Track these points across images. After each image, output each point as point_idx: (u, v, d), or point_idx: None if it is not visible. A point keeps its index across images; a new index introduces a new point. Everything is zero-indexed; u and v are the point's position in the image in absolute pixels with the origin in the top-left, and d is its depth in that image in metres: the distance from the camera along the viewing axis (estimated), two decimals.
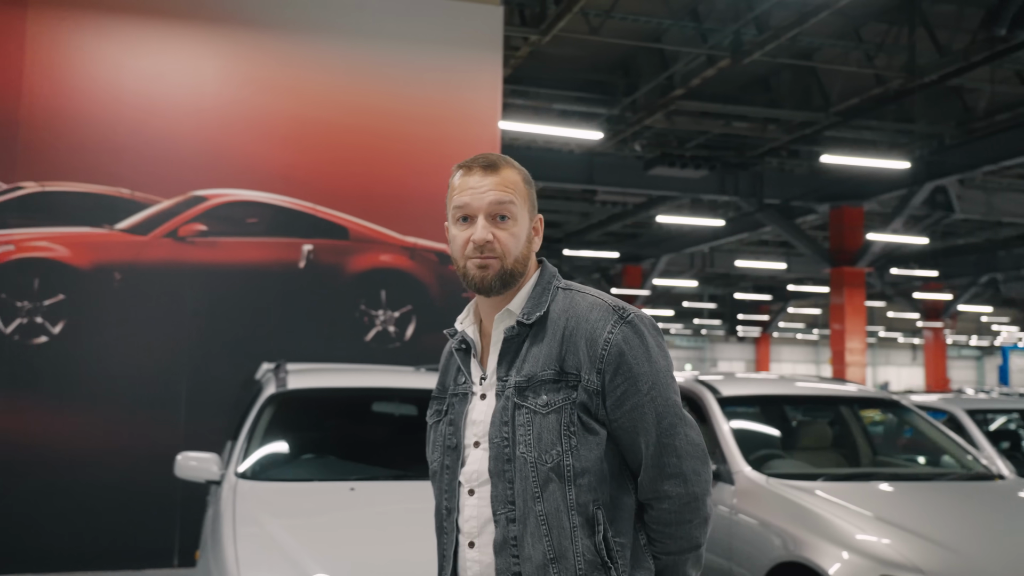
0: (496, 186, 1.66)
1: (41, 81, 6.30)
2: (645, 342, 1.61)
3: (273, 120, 6.78)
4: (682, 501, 1.59)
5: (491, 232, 1.64)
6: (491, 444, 1.62)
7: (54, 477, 6.05)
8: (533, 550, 1.56)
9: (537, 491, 1.57)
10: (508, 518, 1.59)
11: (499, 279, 1.64)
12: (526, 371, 1.61)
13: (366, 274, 6.90)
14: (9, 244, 6.17)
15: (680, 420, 1.61)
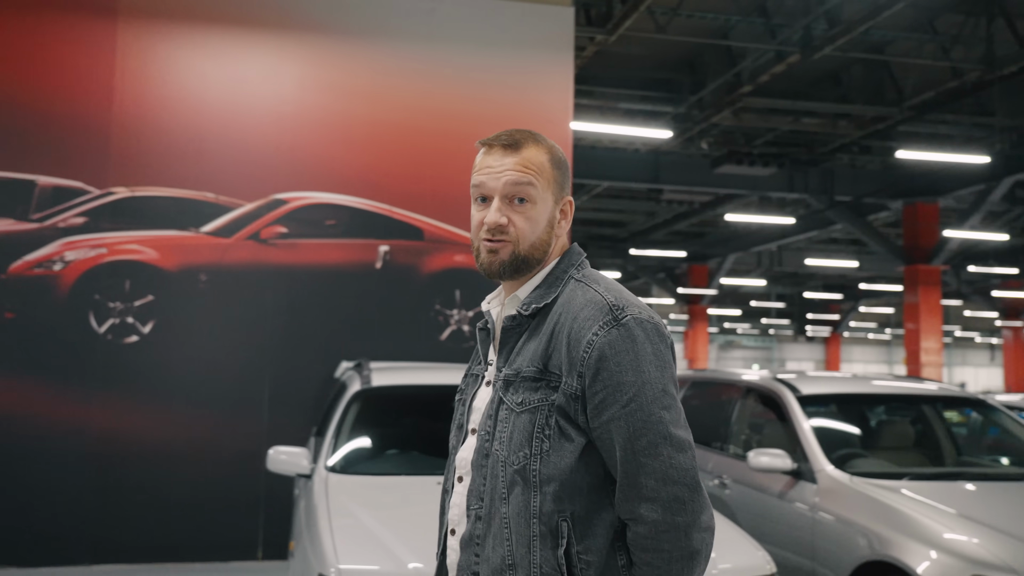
0: (515, 166, 1.55)
1: (131, 91, 6.55)
2: (636, 348, 1.46)
3: (350, 124, 6.93)
4: (659, 528, 1.43)
5: (506, 215, 1.55)
6: (478, 436, 1.56)
7: (146, 471, 6.29)
8: (493, 552, 1.49)
9: (504, 492, 1.49)
10: (477, 515, 1.52)
11: (510, 265, 1.55)
12: (516, 365, 1.53)
13: (441, 274, 7.01)
14: (102, 247, 6.43)
15: (664, 440, 1.44)
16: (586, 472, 1.48)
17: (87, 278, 6.38)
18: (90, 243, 6.42)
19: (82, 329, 6.32)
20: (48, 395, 6.22)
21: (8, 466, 6.08)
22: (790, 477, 4.59)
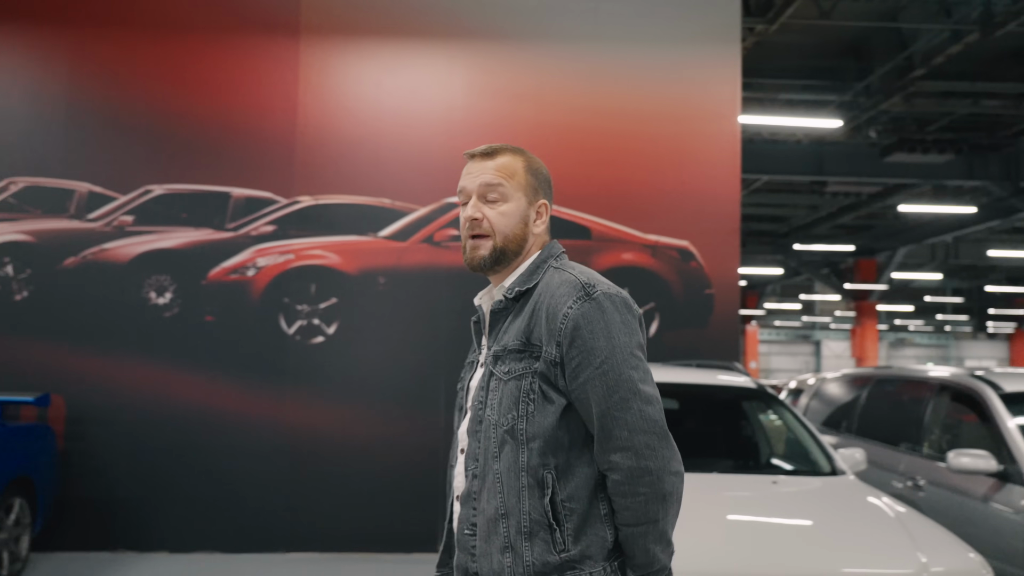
0: (488, 170, 1.80)
1: (313, 104, 6.92)
2: (606, 318, 1.67)
3: (516, 127, 7.06)
4: (633, 473, 1.62)
5: (480, 211, 1.79)
6: (472, 407, 1.76)
7: (334, 464, 6.62)
8: (488, 504, 1.68)
9: (496, 451, 1.68)
10: (473, 474, 1.71)
11: (490, 258, 1.79)
12: (503, 342, 1.74)
13: (608, 272, 7.03)
14: (290, 253, 6.82)
15: (634, 395, 1.64)
16: (567, 430, 1.68)
17: (277, 283, 6.79)
18: (279, 249, 6.82)
19: (273, 330, 6.72)
20: (245, 392, 6.65)
21: (213, 458, 6.54)
22: (995, 480, 4.33)
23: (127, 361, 6.60)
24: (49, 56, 6.83)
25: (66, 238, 6.69)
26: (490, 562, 1.67)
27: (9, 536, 5.49)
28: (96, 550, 6.38)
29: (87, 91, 6.80)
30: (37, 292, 6.62)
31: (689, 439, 4.58)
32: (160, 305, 6.69)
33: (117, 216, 6.73)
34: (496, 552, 1.66)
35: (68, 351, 6.59)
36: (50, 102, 6.77)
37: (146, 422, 6.51)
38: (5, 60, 6.80)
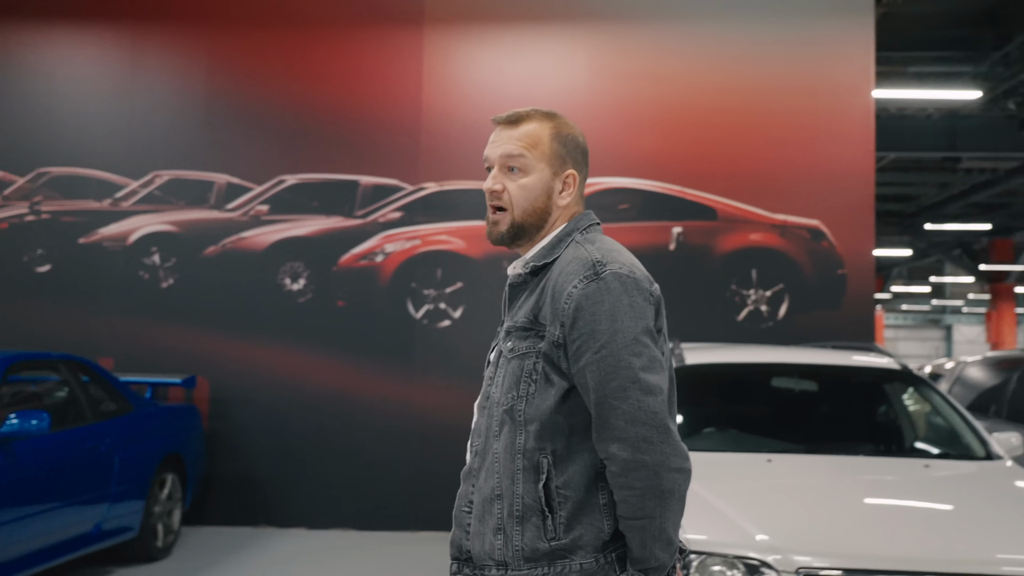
0: (511, 139, 1.71)
1: (437, 92, 7.02)
2: (612, 299, 1.57)
3: (639, 107, 6.99)
4: (629, 466, 1.53)
5: (500, 182, 1.69)
6: (484, 382, 1.74)
7: (461, 445, 6.72)
8: (485, 483, 1.64)
9: (496, 430, 1.64)
10: (476, 450, 1.68)
11: (508, 234, 1.69)
12: (516, 318, 1.67)
13: (736, 254, 6.90)
14: (416, 239, 6.97)
15: (633, 384, 1.53)
16: (568, 415, 1.61)
17: (404, 268, 6.94)
18: (406, 235, 6.97)
19: (401, 315, 6.87)
20: (376, 375, 6.84)
21: (347, 439, 6.75)
22: None
23: (265, 345, 6.88)
24: (189, 56, 7.16)
25: (207, 228, 7.01)
26: (482, 542, 1.62)
27: (163, 509, 5.81)
28: (239, 525, 6.68)
29: (224, 88, 7.09)
30: (181, 279, 6.97)
31: (828, 422, 4.47)
32: (295, 291, 6.93)
33: (253, 206, 7.01)
34: (489, 532, 1.62)
35: (210, 335, 6.92)
36: (190, 99, 7.10)
37: (284, 403, 6.77)
38: (149, 61, 7.16)
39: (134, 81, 7.12)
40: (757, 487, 3.53)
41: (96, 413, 5.37)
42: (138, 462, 5.49)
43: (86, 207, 7.05)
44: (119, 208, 7.04)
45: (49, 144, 7.07)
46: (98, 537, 5.14)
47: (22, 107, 7.12)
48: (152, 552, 5.64)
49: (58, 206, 7.06)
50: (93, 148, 7.06)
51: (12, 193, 7.08)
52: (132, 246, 7.00)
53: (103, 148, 7.06)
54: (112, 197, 7.05)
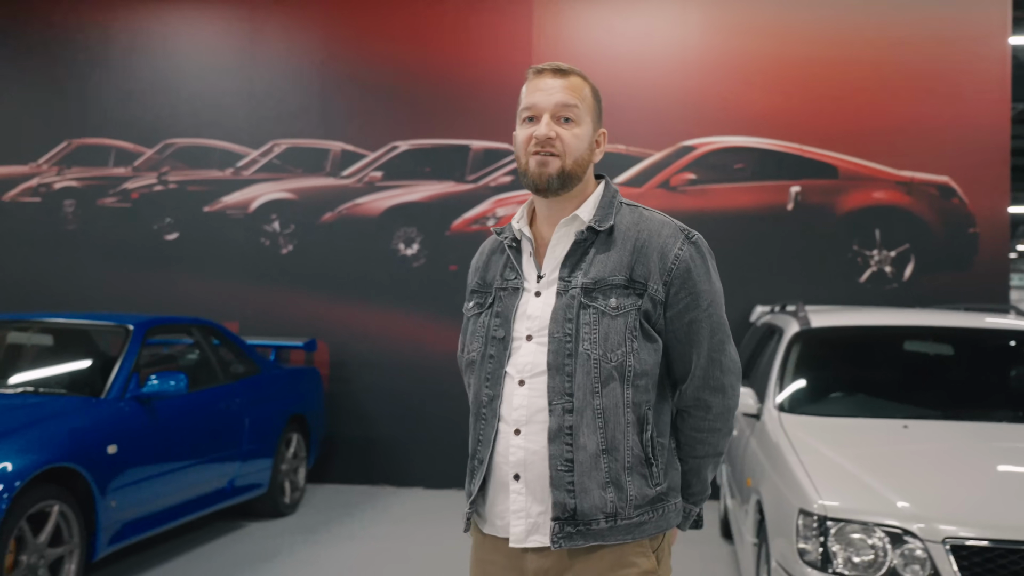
0: (564, 89, 1.70)
1: (547, 53, 6.95)
2: (706, 263, 1.72)
3: (755, 64, 6.77)
4: (718, 411, 1.73)
5: (554, 130, 1.68)
6: (551, 339, 1.66)
7: None
8: (588, 440, 1.64)
9: (597, 387, 1.64)
10: (564, 408, 1.65)
11: (558, 178, 1.68)
12: (593, 274, 1.66)
13: (858, 213, 6.64)
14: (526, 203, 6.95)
15: (727, 338, 1.74)
16: (660, 368, 1.71)
17: None
18: (517, 199, 6.97)
19: None
20: None
21: (461, 401, 6.82)
22: None
23: (380, 309, 7.02)
24: (304, 27, 7.29)
25: (323, 195, 7.17)
26: (591, 498, 1.63)
27: (289, 468, 6.03)
28: (359, 483, 6.89)
29: (338, 57, 7.20)
30: (300, 246, 7.16)
31: (965, 387, 4.28)
32: (408, 256, 7.04)
33: (367, 172, 7.13)
34: (596, 488, 1.64)
35: (328, 300, 7.10)
36: (306, 70, 7.24)
37: (400, 366, 6.91)
38: (266, 34, 7.32)
39: (253, 53, 7.30)
40: (894, 453, 3.42)
41: (227, 375, 5.59)
42: (266, 422, 5.71)
43: (210, 176, 7.30)
44: (240, 177, 7.27)
45: (174, 116, 7.33)
46: (231, 493, 5.37)
47: (149, 82, 7.40)
48: (280, 508, 5.87)
49: (184, 176, 7.34)
50: (215, 119, 7.29)
51: (141, 164, 7.38)
52: (253, 213, 7.22)
53: (225, 119, 7.28)
54: (234, 166, 7.28)
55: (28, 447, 3.80)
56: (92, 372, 4.84)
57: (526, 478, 1.68)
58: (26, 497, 3.70)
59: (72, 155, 7.47)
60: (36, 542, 3.79)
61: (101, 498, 4.14)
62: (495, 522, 1.75)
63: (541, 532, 1.67)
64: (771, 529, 3.25)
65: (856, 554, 2.82)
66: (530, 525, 1.68)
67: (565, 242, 1.73)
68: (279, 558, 5.08)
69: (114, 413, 4.44)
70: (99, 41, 7.45)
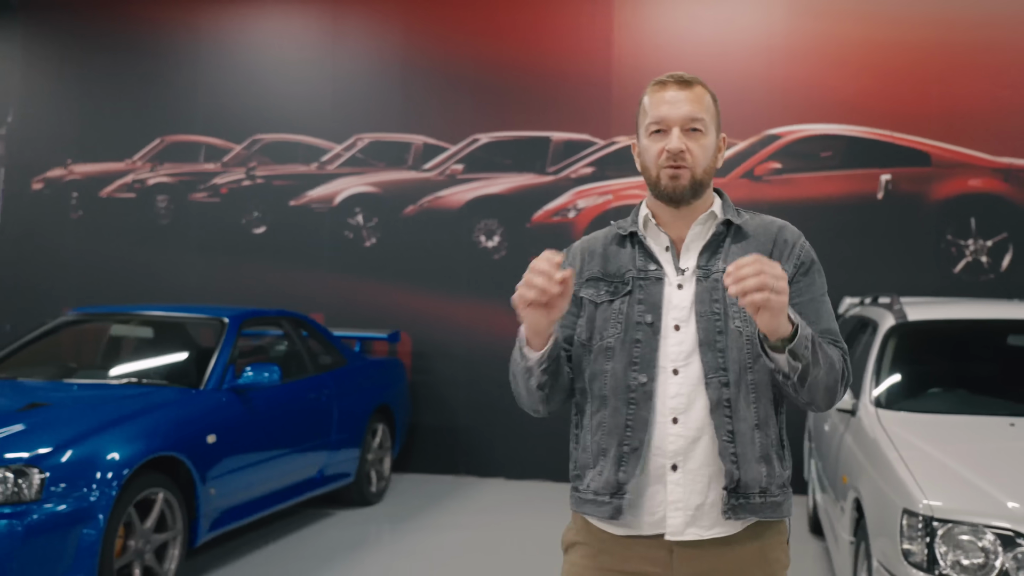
0: (690, 100, 1.75)
1: (628, 43, 6.90)
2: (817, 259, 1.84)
3: (843, 48, 6.60)
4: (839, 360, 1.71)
5: (684, 143, 1.72)
6: (700, 318, 1.70)
7: None
8: (746, 412, 1.67)
9: (750, 362, 1.68)
10: (721, 382, 1.67)
11: (691, 188, 1.73)
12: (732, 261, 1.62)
13: (952, 201, 6.44)
14: (608, 194, 6.93)
15: None
16: None
17: (597, 223, 6.90)
18: (598, 191, 6.95)
19: None
20: None
21: None
22: None
23: (462, 301, 7.08)
24: (386, 22, 7.38)
25: (405, 188, 7.25)
26: (751, 470, 1.67)
27: (375, 457, 6.14)
28: (442, 473, 6.98)
29: (419, 51, 7.27)
30: (383, 238, 7.26)
31: None
32: (489, 248, 7.08)
33: (449, 165, 7.18)
34: (753, 460, 1.67)
35: (411, 291, 7.19)
36: (388, 64, 7.33)
37: (481, 357, 6.96)
38: (349, 29, 7.43)
39: (335, 49, 7.42)
40: (1001, 452, 3.31)
41: (315, 366, 5.72)
42: (353, 412, 5.82)
43: (295, 171, 7.46)
44: (325, 171, 7.40)
45: (261, 113, 7.51)
46: (321, 482, 5.50)
47: (236, 79, 7.58)
48: (367, 497, 5.99)
49: (270, 171, 7.50)
50: (300, 115, 7.44)
51: (230, 160, 7.58)
52: (337, 207, 7.35)
53: (309, 114, 7.43)
54: (318, 161, 7.42)
55: (135, 437, 3.95)
56: (190, 364, 5.00)
57: (685, 468, 1.68)
58: (133, 485, 3.85)
59: (164, 152, 7.71)
60: (143, 528, 3.95)
61: (202, 486, 4.28)
62: (643, 518, 1.70)
63: (699, 525, 1.67)
64: (872, 528, 3.19)
65: (964, 556, 2.75)
66: (688, 517, 1.67)
67: (700, 239, 1.78)
68: (368, 545, 5.19)
69: (212, 404, 4.58)
70: (189, 41, 7.66)
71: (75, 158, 7.88)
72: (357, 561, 4.88)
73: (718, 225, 1.78)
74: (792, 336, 1.58)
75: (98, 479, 3.68)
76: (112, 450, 3.81)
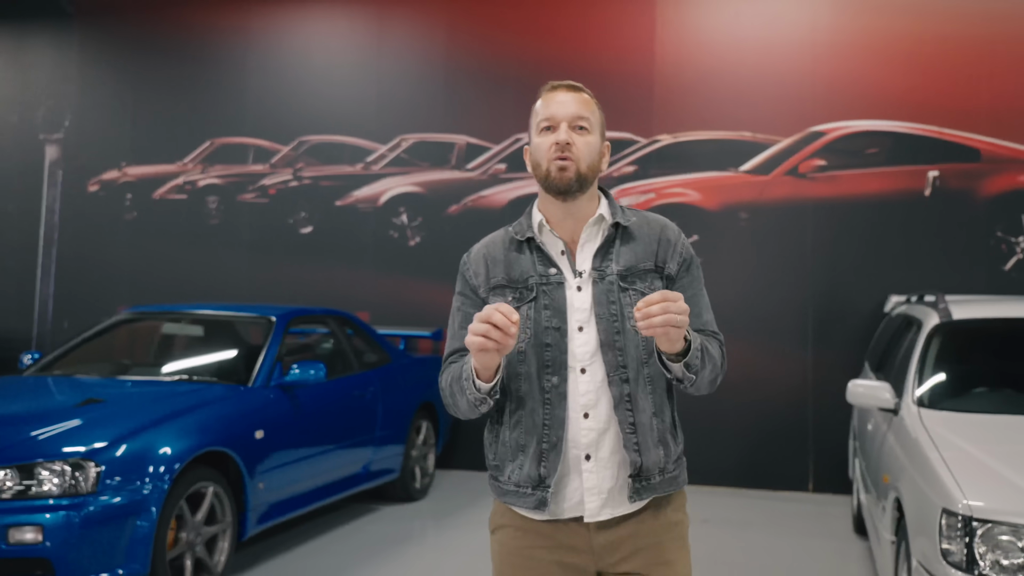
0: (577, 102, 1.92)
1: (670, 41, 6.90)
2: None
3: (890, 43, 6.52)
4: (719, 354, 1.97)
5: (571, 137, 1.87)
6: (599, 320, 1.86)
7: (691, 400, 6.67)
8: (644, 404, 1.86)
9: (645, 357, 1.86)
10: (622, 378, 1.85)
11: (576, 180, 1.86)
12: (623, 263, 1.90)
13: (1002, 197, 6.32)
14: (651, 192, 6.93)
15: None
16: None
17: None
18: (640, 189, 6.95)
19: None
20: None
21: None
22: None
23: None
24: (429, 23, 7.47)
25: (449, 187, 7.33)
26: (651, 456, 1.87)
27: (419, 454, 6.23)
28: (486, 469, 7.00)
29: (462, 51, 7.34)
30: (427, 237, 7.35)
31: None
32: None
33: (491, 165, 7.24)
34: (652, 446, 1.87)
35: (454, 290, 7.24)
36: (431, 65, 7.41)
37: None
38: (393, 31, 7.53)
39: (380, 51, 7.53)
40: None
41: (360, 363, 5.82)
42: (398, 409, 5.91)
43: (341, 172, 7.58)
44: (370, 171, 7.52)
45: (308, 115, 7.65)
46: (366, 477, 5.60)
47: (283, 83, 7.73)
48: (411, 492, 6.08)
49: (317, 171, 7.64)
50: (346, 116, 7.56)
51: (278, 161, 7.73)
52: (382, 207, 7.46)
53: (354, 116, 7.55)
54: (363, 161, 7.53)
55: (186, 432, 4.08)
56: (239, 361, 5.13)
57: (597, 457, 1.87)
58: (184, 479, 3.98)
59: (215, 154, 7.90)
60: (194, 520, 4.07)
61: (250, 480, 4.40)
62: (563, 504, 1.89)
63: (611, 506, 1.87)
64: (912, 528, 3.17)
65: (1004, 556, 2.73)
66: (602, 500, 1.87)
67: (593, 242, 1.94)
68: (412, 541, 5.27)
69: (260, 400, 4.70)
70: (238, 46, 7.83)
71: (129, 161, 8.11)
72: (401, 556, 4.96)
73: (608, 228, 1.93)
74: (686, 351, 1.79)
75: (151, 473, 3.81)
76: (164, 445, 3.94)
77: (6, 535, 3.49)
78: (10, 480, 3.59)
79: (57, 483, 3.60)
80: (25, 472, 3.61)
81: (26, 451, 3.69)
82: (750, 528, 5.60)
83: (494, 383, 1.83)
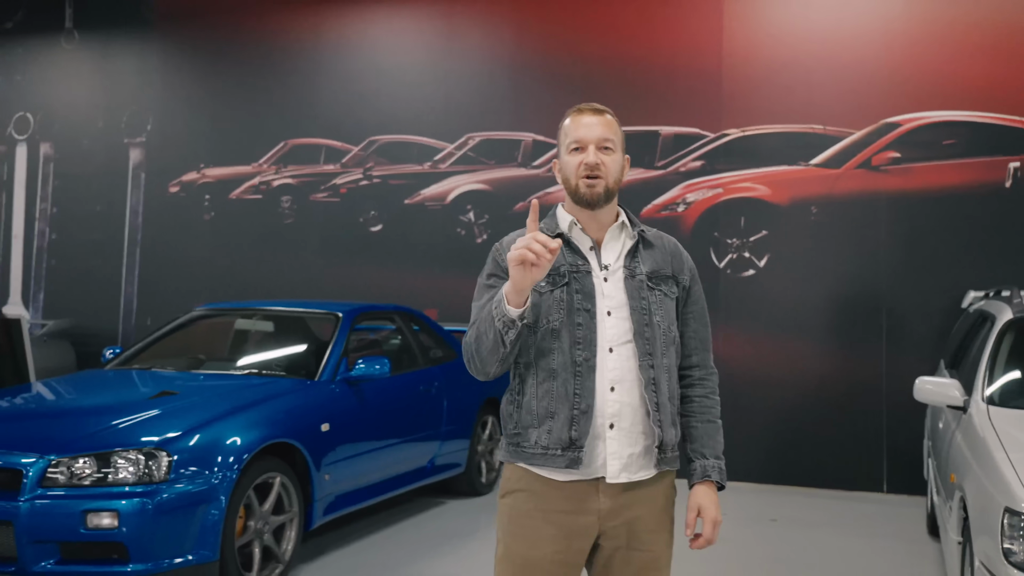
0: (602, 125, 2.14)
1: (738, 34, 6.81)
2: None
3: (968, 31, 6.31)
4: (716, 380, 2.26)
5: (599, 158, 2.10)
6: (633, 311, 2.11)
7: (765, 398, 6.60)
8: (664, 389, 2.11)
9: (665, 349, 2.12)
10: (649, 364, 2.10)
11: (604, 195, 2.10)
12: (648, 267, 2.16)
13: None
14: (718, 187, 6.86)
15: None
16: None
17: (706, 217, 6.87)
18: (707, 184, 6.88)
19: (705, 264, 6.80)
20: None
21: None
22: None
23: None
24: (496, 22, 7.53)
25: (515, 185, 7.38)
26: (668, 434, 2.10)
27: (485, 449, 6.29)
28: None
29: (528, 49, 7.38)
30: (495, 235, 7.40)
31: None
32: None
33: None
34: (669, 425, 2.10)
35: None
36: (498, 63, 7.48)
37: None
38: (460, 30, 7.61)
39: (447, 51, 7.62)
40: None
41: (426, 359, 5.91)
42: (463, 404, 5.98)
43: (410, 170, 7.71)
44: (438, 170, 7.62)
45: (377, 115, 7.80)
46: (432, 471, 5.68)
47: (353, 83, 7.90)
48: (477, 487, 6.14)
49: (386, 170, 7.78)
50: (414, 116, 7.68)
51: (348, 161, 7.90)
52: (450, 205, 7.55)
53: (422, 115, 7.66)
54: (431, 160, 7.64)
55: (254, 424, 4.21)
56: (307, 356, 5.27)
57: (620, 426, 2.08)
58: (253, 469, 4.11)
59: (288, 155, 8.11)
60: (262, 510, 4.20)
61: (316, 471, 4.52)
62: (590, 466, 2.08)
63: (628, 471, 2.09)
64: (975, 527, 3.08)
65: None
66: (622, 464, 2.08)
67: (616, 242, 2.18)
68: (479, 534, 5.33)
69: (327, 394, 4.82)
70: (310, 49, 8.03)
71: (207, 163, 8.39)
72: (466, 549, 5.03)
73: (634, 234, 2.19)
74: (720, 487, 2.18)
75: (220, 462, 3.95)
76: (234, 436, 4.07)
77: (84, 520, 3.66)
78: (89, 468, 3.76)
79: (132, 471, 3.76)
80: (103, 460, 3.78)
81: (104, 441, 3.87)
82: (821, 528, 5.50)
83: (524, 309, 1.96)
